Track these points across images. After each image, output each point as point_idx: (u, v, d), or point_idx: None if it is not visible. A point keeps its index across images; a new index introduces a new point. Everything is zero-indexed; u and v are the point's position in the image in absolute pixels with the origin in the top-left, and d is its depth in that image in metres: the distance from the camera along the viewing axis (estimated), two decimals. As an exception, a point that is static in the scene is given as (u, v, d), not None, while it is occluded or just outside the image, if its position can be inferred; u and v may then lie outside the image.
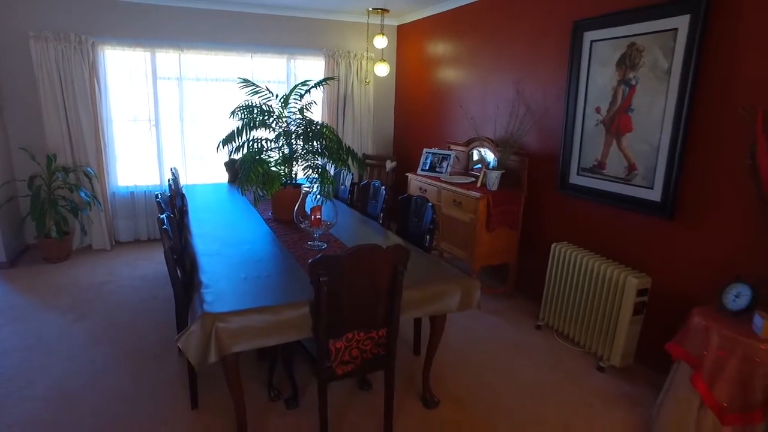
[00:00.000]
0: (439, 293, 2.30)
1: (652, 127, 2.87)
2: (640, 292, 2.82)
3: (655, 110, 2.84)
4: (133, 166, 5.18)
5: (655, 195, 2.89)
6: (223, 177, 4.92)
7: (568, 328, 3.29)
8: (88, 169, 4.73)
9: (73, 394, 2.61)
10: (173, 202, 3.36)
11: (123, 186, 5.14)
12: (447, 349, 3.13)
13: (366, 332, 2.13)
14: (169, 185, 3.52)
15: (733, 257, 2.47)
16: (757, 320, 2.04)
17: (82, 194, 4.62)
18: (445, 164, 4.53)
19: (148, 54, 4.94)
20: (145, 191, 5.21)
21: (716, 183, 2.57)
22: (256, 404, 2.53)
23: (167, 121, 5.18)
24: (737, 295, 2.20)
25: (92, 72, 4.70)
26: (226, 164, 4.72)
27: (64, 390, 2.64)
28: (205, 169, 5.41)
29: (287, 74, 5.52)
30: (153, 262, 4.65)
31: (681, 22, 2.64)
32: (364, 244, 1.97)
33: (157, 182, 5.27)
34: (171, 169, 3.98)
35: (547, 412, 2.59)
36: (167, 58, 5.02)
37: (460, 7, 4.67)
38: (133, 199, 5.18)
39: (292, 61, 5.50)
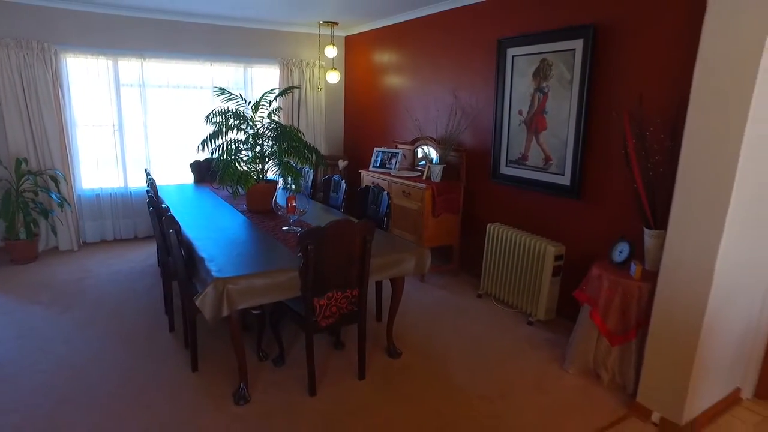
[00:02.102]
0: (398, 260, 2.87)
1: (561, 126, 3.59)
2: (557, 258, 3.52)
3: (563, 112, 3.56)
4: (97, 169, 5.40)
5: (565, 180, 3.60)
6: (188, 178, 5.24)
7: (503, 293, 3.95)
8: (57, 172, 4.93)
9: (80, 367, 2.94)
10: (158, 200, 3.72)
11: (88, 189, 5.35)
12: (404, 316, 3.69)
13: (342, 291, 2.65)
14: (149, 185, 3.87)
15: (619, 224, 3.20)
16: (632, 267, 2.75)
17: (53, 196, 4.82)
18: (394, 161, 5.12)
19: (110, 62, 5.19)
20: (110, 193, 5.44)
21: (607, 169, 3.30)
22: (248, 365, 2.96)
23: (131, 126, 5.44)
24: (621, 251, 2.92)
25: (55, 79, 4.90)
26: (192, 165, 5.06)
27: (71, 364, 2.97)
28: (169, 171, 5.69)
29: (245, 81, 5.92)
30: (125, 260, 4.92)
31: (577, 45, 3.36)
32: (341, 219, 2.50)
33: (122, 184, 5.51)
34: (145, 170, 4.31)
35: (488, 355, 3.21)
36: (130, 66, 5.29)
37: (402, 22, 5.28)
38: (99, 201, 5.40)
39: (249, 69, 5.92)
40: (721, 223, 2.19)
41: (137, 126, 5.48)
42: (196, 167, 5.03)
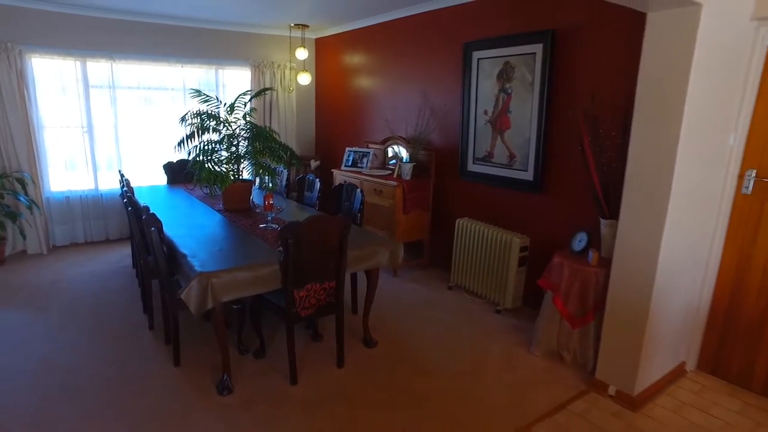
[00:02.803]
0: (372, 252, 3.02)
1: (524, 125, 3.81)
2: (522, 249, 3.74)
3: (525, 112, 3.78)
4: (67, 171, 5.35)
5: (529, 176, 3.83)
6: (161, 180, 5.25)
7: (472, 285, 4.15)
8: (25, 174, 4.87)
9: (64, 365, 2.98)
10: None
11: (57, 191, 5.30)
12: (379, 309, 3.84)
13: (320, 283, 2.79)
14: (124, 186, 3.90)
15: (578, 215, 3.44)
16: (590, 255, 2.98)
17: (21, 199, 4.76)
18: (365, 160, 5.27)
19: (79, 63, 5.16)
20: (80, 195, 5.40)
21: (567, 165, 3.54)
22: (230, 358, 3.07)
23: (101, 127, 5.41)
24: (580, 240, 3.16)
25: (20, 79, 4.84)
26: (165, 167, 5.08)
27: (53, 363, 3.01)
28: (141, 173, 5.68)
29: (216, 83, 5.97)
30: (97, 262, 4.91)
31: (537, 49, 3.59)
32: (318, 214, 2.64)
33: (92, 186, 5.48)
34: (119, 171, 4.33)
35: (459, 342, 3.40)
36: (99, 67, 5.27)
37: (372, 25, 5.44)
38: (69, 204, 5.35)
39: (221, 71, 5.96)
40: (663, 212, 2.43)
41: (107, 127, 5.45)
42: (170, 168, 5.06)
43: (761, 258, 2.76)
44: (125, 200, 3.55)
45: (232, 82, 6.04)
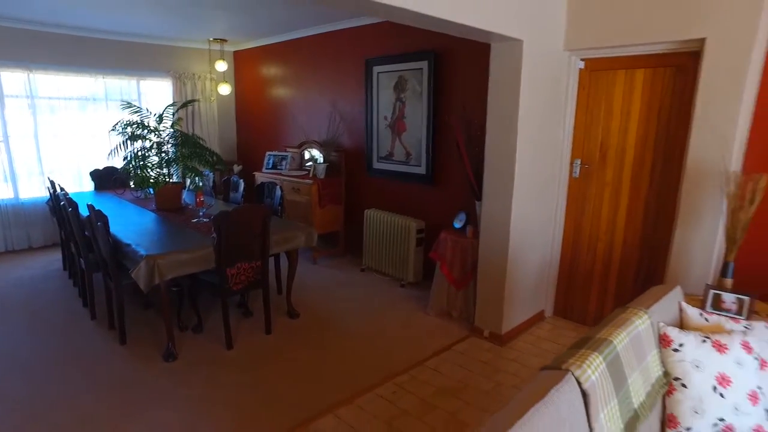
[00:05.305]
0: (291, 236, 3.63)
1: (417, 128, 4.58)
2: (419, 231, 4.50)
3: (417, 117, 4.55)
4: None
5: (422, 170, 4.60)
6: (87, 187, 5.47)
7: (380, 266, 4.86)
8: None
9: (20, 357, 3.29)
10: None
11: (-26, 201, 5.36)
12: (301, 291, 4.43)
13: (249, 263, 3.35)
14: (57, 192, 4.18)
15: (460, 200, 4.26)
16: (468, 230, 3.79)
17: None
18: (284, 163, 5.84)
19: (-8, 74, 5.26)
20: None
21: (450, 162, 4.35)
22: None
23: (19, 137, 5.51)
24: (460, 219, 3.96)
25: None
26: (92, 174, 5.33)
27: (11, 355, 3.31)
28: (66, 181, 5.81)
29: (138, 94, 6.25)
30: (23, 268, 5.06)
31: (424, 65, 4.38)
32: (245, 204, 3.20)
33: (12, 195, 5.57)
34: (48, 179, 4.57)
35: (370, 311, 4.08)
36: (14, 78, 5.38)
37: (286, 41, 6.02)
38: (-13, 213, 5.42)
39: (142, 82, 6.26)
40: (510, 191, 3.27)
41: (27, 137, 5.58)
42: (97, 175, 5.32)
43: (587, 224, 3.69)
44: (62, 204, 3.86)
45: (153, 93, 6.35)
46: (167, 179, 4.25)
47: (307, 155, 5.82)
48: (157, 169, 4.17)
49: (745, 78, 2.63)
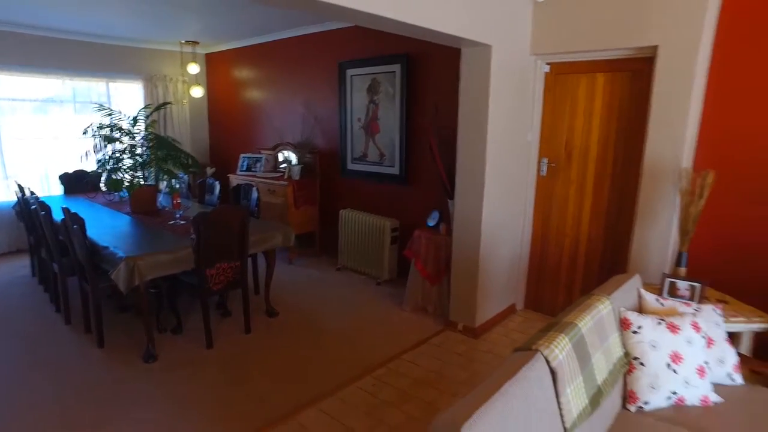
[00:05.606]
0: (269, 236, 3.69)
1: (390, 129, 4.70)
2: (393, 230, 4.62)
3: (391, 119, 4.67)
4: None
5: (396, 171, 4.72)
6: (55, 190, 5.38)
7: (356, 264, 4.96)
8: None
9: (-16, 358, 3.26)
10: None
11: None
12: (279, 291, 4.49)
13: (228, 263, 3.40)
14: (25, 196, 4.12)
15: (433, 199, 4.40)
16: (441, 227, 3.92)
17: None
18: (258, 165, 5.87)
19: (-46, 76, 5.13)
20: (-36, 210, 5.34)
21: (423, 162, 4.48)
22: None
23: (-17, 141, 5.39)
24: (434, 217, 4.09)
25: None
26: (61, 177, 5.24)
27: (-27, 358, 3.26)
28: (32, 185, 5.69)
29: (108, 96, 6.16)
30: (-9, 273, 4.95)
31: (397, 68, 4.50)
32: (224, 205, 3.25)
33: (-23, 201, 5.44)
34: (16, 183, 4.49)
35: (347, 308, 4.17)
36: (-23, 81, 5.26)
37: (260, 43, 6.05)
38: (-48, 219, 5.27)
39: (112, 84, 6.18)
40: (481, 190, 3.41)
41: (-9, 141, 5.45)
42: (66, 179, 5.23)
43: (555, 220, 3.87)
44: (32, 207, 3.82)
45: (123, 95, 6.28)
46: (141, 182, 4.24)
47: (281, 157, 5.86)
48: (132, 172, 4.16)
49: (692, 81, 2.84)
